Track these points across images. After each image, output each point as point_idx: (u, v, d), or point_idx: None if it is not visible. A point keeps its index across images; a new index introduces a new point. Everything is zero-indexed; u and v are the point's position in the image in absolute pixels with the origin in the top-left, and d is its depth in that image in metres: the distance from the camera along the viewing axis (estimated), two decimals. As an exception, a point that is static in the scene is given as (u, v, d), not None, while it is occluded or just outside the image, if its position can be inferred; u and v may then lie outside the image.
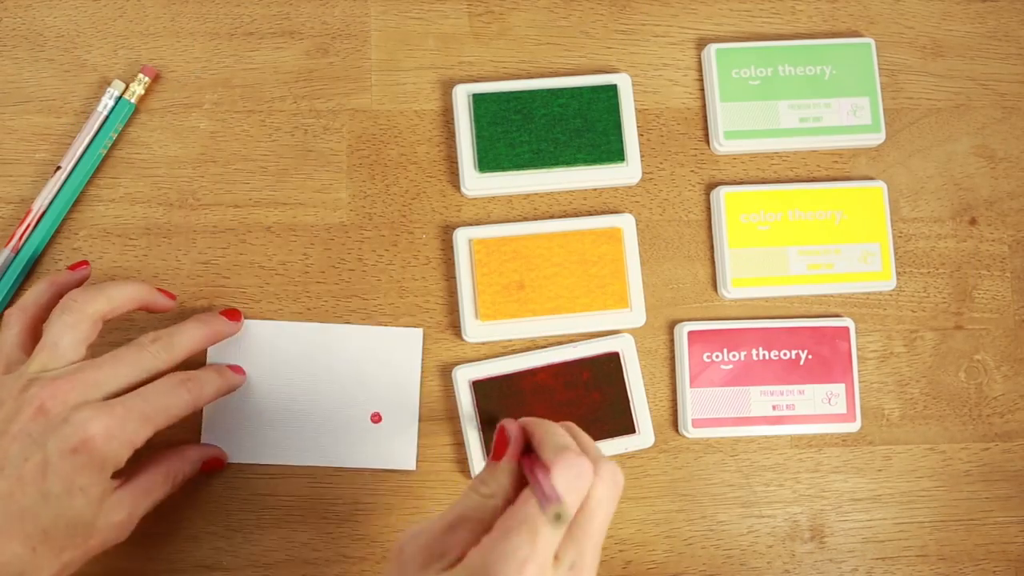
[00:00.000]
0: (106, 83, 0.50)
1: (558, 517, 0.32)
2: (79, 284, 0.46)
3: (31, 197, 0.49)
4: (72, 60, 0.50)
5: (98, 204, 0.49)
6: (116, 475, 0.40)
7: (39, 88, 0.50)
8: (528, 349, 0.49)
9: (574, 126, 0.50)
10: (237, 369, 0.47)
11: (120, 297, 0.43)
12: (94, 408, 0.39)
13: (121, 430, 0.39)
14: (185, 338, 0.44)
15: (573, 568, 0.33)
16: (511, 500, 0.34)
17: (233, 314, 0.47)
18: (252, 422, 0.48)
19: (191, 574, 0.47)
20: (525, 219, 0.50)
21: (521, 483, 0.35)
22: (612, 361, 0.49)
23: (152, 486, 0.42)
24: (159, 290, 0.45)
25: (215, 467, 0.47)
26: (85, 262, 0.47)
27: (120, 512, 0.40)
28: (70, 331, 0.41)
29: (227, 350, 0.48)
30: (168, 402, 0.41)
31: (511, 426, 0.37)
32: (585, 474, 0.33)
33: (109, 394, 0.40)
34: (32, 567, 0.37)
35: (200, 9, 0.51)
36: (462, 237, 0.49)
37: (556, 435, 0.35)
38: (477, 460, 0.48)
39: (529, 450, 0.36)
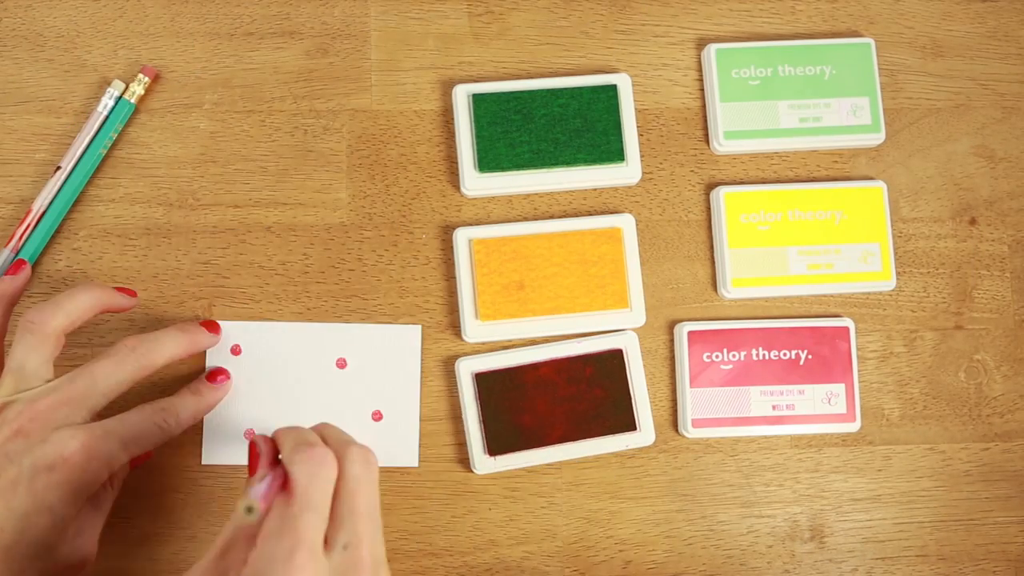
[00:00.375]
0: (106, 83, 0.50)
1: (249, 510, 0.33)
2: (22, 288, 0.46)
3: (31, 197, 0.49)
4: (72, 60, 0.50)
5: (98, 204, 0.49)
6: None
7: (39, 88, 0.50)
8: (529, 343, 0.49)
9: (574, 126, 0.50)
10: (220, 373, 0.47)
11: (78, 309, 0.42)
12: (74, 428, 0.39)
13: (100, 451, 0.39)
14: (164, 346, 0.43)
15: (348, 547, 0.34)
16: None
17: (212, 326, 0.47)
18: (252, 423, 0.48)
19: (191, 574, 0.47)
20: (525, 219, 0.50)
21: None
22: (615, 358, 0.49)
23: (102, 499, 0.42)
24: (118, 289, 0.45)
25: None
26: (22, 261, 0.47)
27: (85, 538, 0.40)
28: (34, 353, 0.41)
29: (227, 350, 0.48)
30: (144, 431, 0.41)
31: (259, 440, 0.38)
32: (326, 461, 0.35)
33: (89, 409, 0.40)
34: None
35: (200, 9, 0.51)
36: (462, 237, 0.49)
37: (296, 436, 0.37)
38: (478, 452, 0.48)
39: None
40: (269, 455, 0.37)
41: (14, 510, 0.37)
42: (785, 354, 0.49)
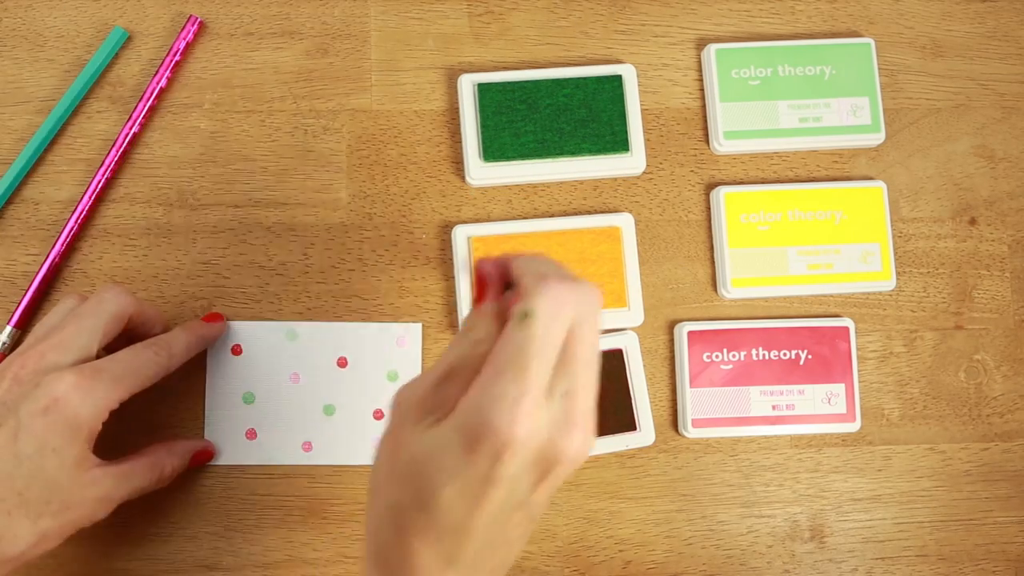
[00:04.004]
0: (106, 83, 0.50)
1: (525, 315, 0.30)
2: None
3: (31, 197, 0.49)
4: (72, 60, 0.50)
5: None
6: (102, 459, 0.41)
7: (39, 88, 0.50)
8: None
9: (579, 116, 0.50)
10: (215, 317, 0.48)
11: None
12: (63, 370, 0.39)
13: (91, 389, 0.39)
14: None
15: (567, 395, 0.32)
16: None
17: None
18: (253, 422, 0.48)
19: (191, 574, 0.47)
20: (524, 217, 0.50)
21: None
22: (615, 358, 0.49)
23: (133, 471, 0.42)
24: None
25: (204, 459, 0.47)
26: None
27: (98, 488, 0.40)
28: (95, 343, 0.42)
29: (227, 350, 0.48)
30: (137, 363, 0.41)
31: (487, 265, 0.35)
32: (568, 300, 0.32)
33: (79, 350, 0.40)
34: (9, 532, 0.38)
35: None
36: (461, 235, 0.49)
37: (534, 264, 0.34)
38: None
39: (510, 287, 0.35)
40: (499, 284, 0.35)
41: (20, 456, 0.38)
42: (785, 354, 0.49)
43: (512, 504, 0.32)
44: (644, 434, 0.49)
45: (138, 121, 0.49)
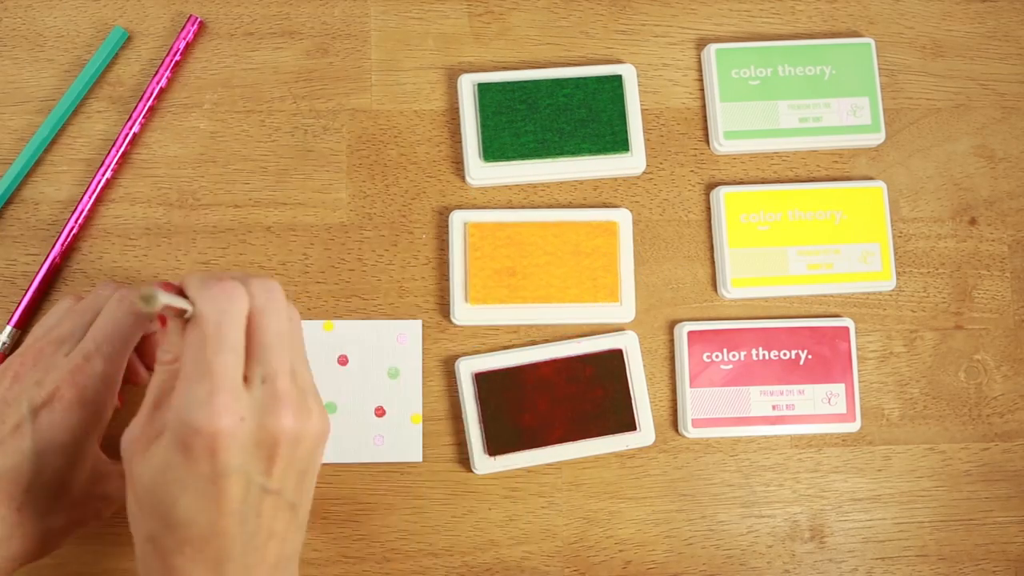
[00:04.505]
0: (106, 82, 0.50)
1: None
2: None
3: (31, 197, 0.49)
4: (72, 60, 0.50)
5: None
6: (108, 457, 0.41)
7: (39, 88, 0.50)
8: (529, 343, 0.49)
9: (579, 116, 0.50)
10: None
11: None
12: (62, 363, 0.39)
13: (88, 373, 0.39)
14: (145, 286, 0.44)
15: (266, 380, 0.34)
16: None
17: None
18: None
19: (191, 574, 0.47)
20: (523, 206, 0.50)
21: None
22: (615, 358, 0.49)
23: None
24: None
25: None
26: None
27: (104, 486, 0.40)
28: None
29: (227, 350, 0.48)
30: (118, 324, 0.40)
31: (161, 285, 0.36)
32: (235, 295, 0.33)
33: (78, 346, 0.40)
34: (19, 530, 0.38)
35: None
36: (457, 220, 0.49)
37: (197, 275, 0.35)
38: (478, 452, 0.48)
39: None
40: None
41: (25, 452, 0.38)
42: (785, 354, 0.49)
43: (254, 494, 0.33)
44: (644, 434, 0.49)
45: (138, 121, 0.49)
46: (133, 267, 0.49)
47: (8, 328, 0.47)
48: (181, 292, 0.35)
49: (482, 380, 0.48)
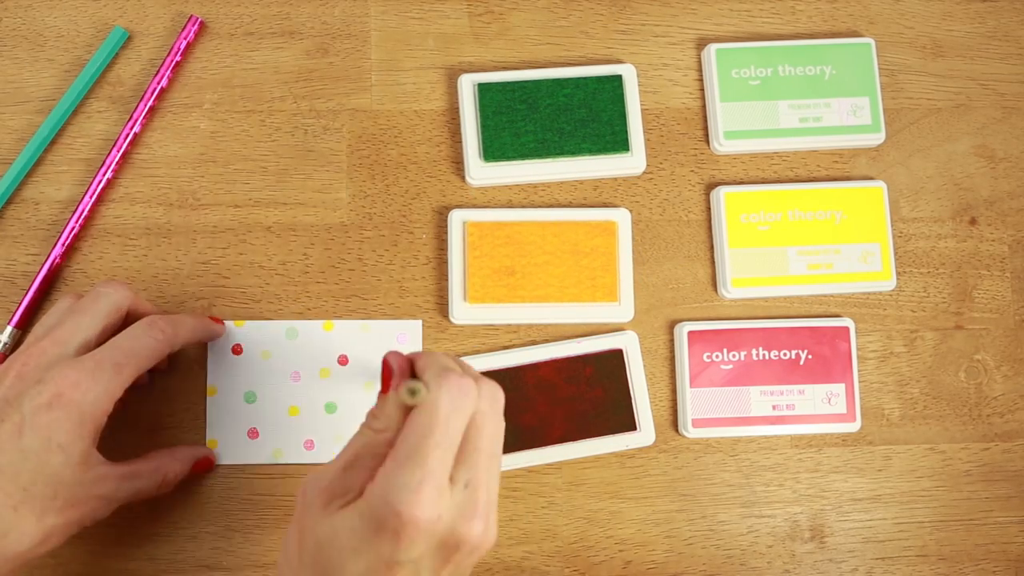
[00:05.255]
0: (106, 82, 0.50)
1: (413, 392, 0.32)
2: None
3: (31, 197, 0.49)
4: (72, 60, 0.50)
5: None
6: (107, 458, 0.41)
7: (39, 88, 0.50)
8: (529, 344, 0.49)
9: (579, 116, 0.50)
10: (217, 320, 0.48)
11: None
12: (64, 364, 0.39)
13: (94, 380, 0.39)
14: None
15: (469, 486, 0.34)
16: None
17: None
18: (254, 421, 0.48)
19: (191, 574, 0.47)
20: (523, 206, 0.50)
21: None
22: (615, 358, 0.49)
23: (137, 473, 0.42)
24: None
25: (205, 467, 0.47)
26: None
27: (102, 486, 0.40)
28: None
29: (227, 350, 0.48)
30: (138, 345, 0.41)
31: (394, 358, 0.37)
32: (468, 392, 0.34)
33: (79, 345, 0.40)
34: (15, 528, 0.38)
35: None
36: (457, 219, 0.49)
37: (438, 360, 0.36)
38: None
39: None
40: (404, 375, 0.36)
41: (25, 451, 0.38)
42: (785, 354, 0.49)
43: None
44: (644, 434, 0.49)
45: (138, 121, 0.49)
46: (133, 267, 0.49)
47: (9, 328, 0.47)
48: (411, 364, 0.36)
49: (482, 380, 0.48)
